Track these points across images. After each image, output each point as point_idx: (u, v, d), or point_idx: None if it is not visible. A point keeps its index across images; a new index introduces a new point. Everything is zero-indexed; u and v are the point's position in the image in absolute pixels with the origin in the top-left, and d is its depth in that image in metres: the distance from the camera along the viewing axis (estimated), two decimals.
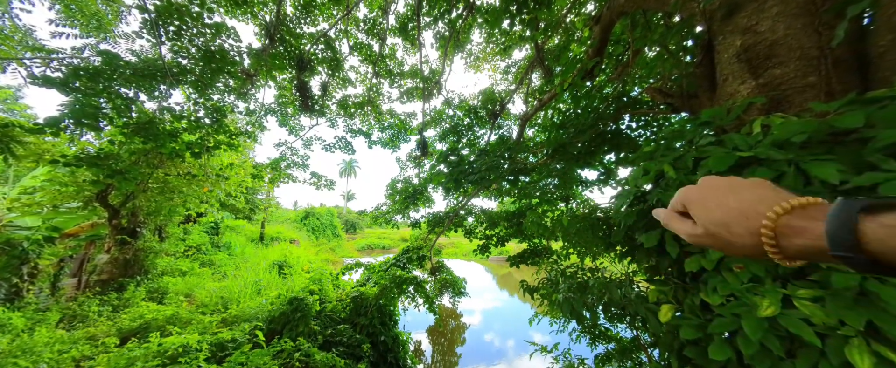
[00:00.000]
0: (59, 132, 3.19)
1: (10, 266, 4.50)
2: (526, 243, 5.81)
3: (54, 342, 3.20)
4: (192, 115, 5.01)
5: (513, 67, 7.83)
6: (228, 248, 11.11)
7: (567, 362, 3.67)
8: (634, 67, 3.08)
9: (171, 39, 4.44)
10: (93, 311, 4.67)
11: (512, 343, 8.06)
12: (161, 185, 6.92)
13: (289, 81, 7.26)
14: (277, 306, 4.71)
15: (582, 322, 2.31)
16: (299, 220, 24.72)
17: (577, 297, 2.38)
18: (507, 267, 18.19)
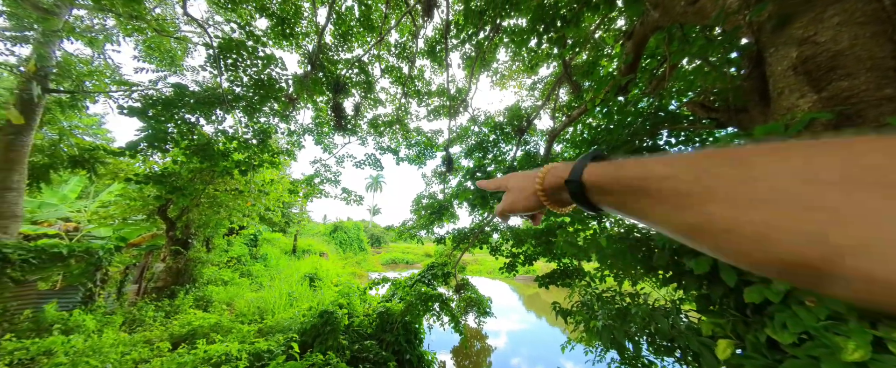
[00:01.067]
0: (135, 154, 3.67)
1: (87, 272, 5.08)
2: (555, 263, 5.56)
3: (118, 343, 3.52)
4: (241, 137, 5.52)
5: (539, 84, 7.83)
6: (265, 260, 11.73)
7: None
8: (671, 81, 2.96)
9: (229, 70, 5.00)
10: (149, 316, 5.10)
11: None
12: (211, 200, 7.58)
13: (325, 103, 7.80)
14: (309, 318, 4.84)
15: (623, 353, 2.13)
16: (328, 234, 25.65)
17: (618, 325, 2.21)
18: (534, 287, 17.37)
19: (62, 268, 5.04)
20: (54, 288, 5.08)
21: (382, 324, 5.64)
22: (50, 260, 4.69)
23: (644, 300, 2.49)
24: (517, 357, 8.28)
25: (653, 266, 2.47)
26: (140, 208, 7.15)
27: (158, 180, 4.63)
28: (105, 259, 5.36)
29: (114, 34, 6.04)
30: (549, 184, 0.40)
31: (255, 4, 5.27)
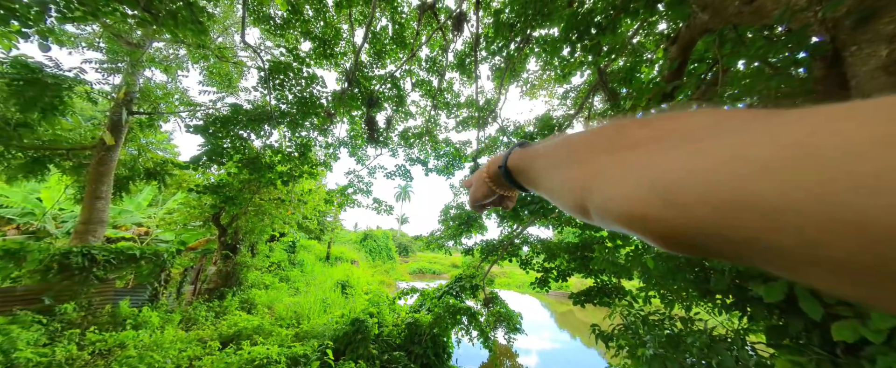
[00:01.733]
0: (198, 167, 4.12)
1: (154, 272, 5.71)
2: (592, 279, 5.23)
3: (176, 341, 3.88)
4: (284, 150, 5.96)
5: (572, 92, 7.61)
6: (302, 266, 12.37)
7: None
8: (724, 86, 2.73)
9: (277, 89, 5.48)
10: (202, 315, 5.57)
11: None
12: (256, 208, 8.22)
13: (359, 117, 8.21)
14: (341, 326, 4.98)
15: None
16: (359, 241, 26.50)
17: (671, 355, 2.00)
18: (567, 304, 16.38)
19: (134, 268, 5.71)
20: (127, 286, 5.76)
21: (411, 335, 5.63)
22: (126, 260, 5.34)
23: (702, 326, 2.24)
24: None
25: (709, 289, 2.23)
26: (198, 215, 7.94)
27: (214, 190, 5.13)
28: (169, 261, 5.99)
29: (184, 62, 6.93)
30: (491, 171, 0.47)
31: (301, 29, 5.78)
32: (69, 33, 5.99)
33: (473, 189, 0.52)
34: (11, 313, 3.99)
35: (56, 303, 4.37)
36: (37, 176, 5.75)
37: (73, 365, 3.33)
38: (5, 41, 3.28)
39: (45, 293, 4.44)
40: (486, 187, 0.48)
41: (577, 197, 0.24)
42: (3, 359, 3.03)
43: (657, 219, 0.17)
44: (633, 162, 0.20)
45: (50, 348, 3.43)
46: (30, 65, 4.11)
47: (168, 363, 3.36)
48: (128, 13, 3.01)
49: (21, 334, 3.42)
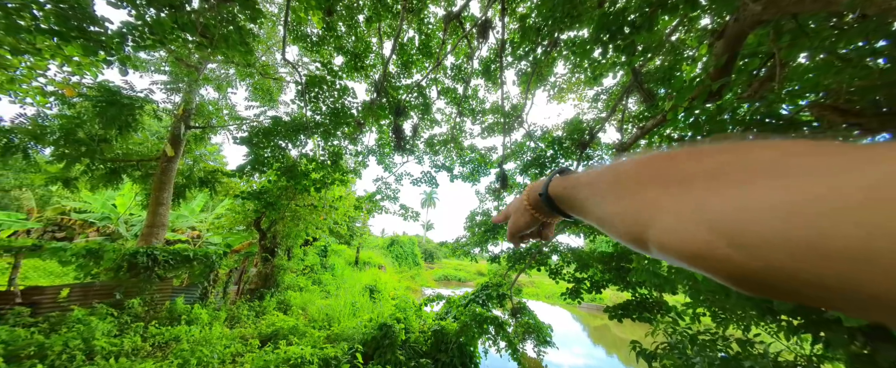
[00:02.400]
0: (243, 175, 4.49)
1: (204, 272, 6.26)
2: (629, 293, 4.88)
3: (222, 337, 4.20)
4: (318, 158, 6.30)
5: (603, 94, 7.30)
6: (332, 269, 12.87)
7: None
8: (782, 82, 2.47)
9: (312, 102, 5.84)
10: (244, 314, 5.99)
11: None
12: (292, 214, 8.73)
13: (387, 126, 8.49)
14: (369, 329, 5.08)
15: None
16: (386, 247, 27.08)
17: None
18: (601, 318, 15.40)
19: (188, 269, 6.29)
20: (182, 285, 6.36)
21: (437, 343, 5.59)
22: (182, 261, 5.91)
23: (762, 350, 2.00)
24: None
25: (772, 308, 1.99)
26: (241, 220, 8.60)
27: (257, 196, 5.55)
28: (217, 262, 6.53)
29: (233, 80, 7.64)
30: (532, 199, 0.46)
31: (334, 45, 6.14)
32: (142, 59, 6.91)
33: (514, 218, 0.51)
34: (91, 306, 4.57)
35: (125, 298, 4.94)
36: (114, 184, 6.60)
37: (138, 355, 3.72)
38: (93, 69, 3.83)
39: (117, 289, 5.03)
40: (528, 215, 0.47)
41: (633, 231, 0.24)
42: (83, 346, 3.47)
43: (724, 260, 0.17)
44: (691, 198, 0.20)
45: (119, 339, 3.86)
46: (111, 89, 4.75)
47: (214, 358, 3.63)
48: (188, 39, 3.40)
49: (98, 325, 3.89)
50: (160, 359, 3.45)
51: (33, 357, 3.25)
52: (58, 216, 11.03)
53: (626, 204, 0.25)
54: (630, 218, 0.24)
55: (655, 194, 0.22)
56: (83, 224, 10.92)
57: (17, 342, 3.33)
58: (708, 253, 0.17)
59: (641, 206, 0.23)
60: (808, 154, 0.17)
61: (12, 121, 5.04)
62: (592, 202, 0.30)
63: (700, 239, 0.18)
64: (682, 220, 0.20)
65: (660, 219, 0.21)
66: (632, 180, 0.25)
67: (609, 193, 0.27)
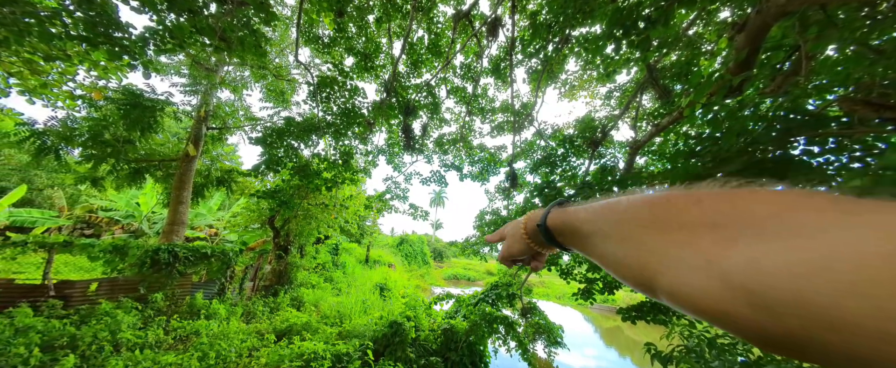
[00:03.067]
0: (258, 175, 4.62)
1: (222, 269, 6.47)
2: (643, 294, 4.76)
3: (239, 332, 4.35)
4: (330, 157, 6.41)
5: (616, 91, 7.15)
6: (344, 267, 13.08)
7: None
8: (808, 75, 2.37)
9: (323, 102, 5.94)
10: (259, 310, 6.16)
11: None
12: (305, 212, 8.91)
13: (397, 126, 8.54)
14: (380, 327, 5.14)
15: None
16: (395, 246, 27.31)
17: None
18: (614, 320, 15.10)
19: (206, 265, 6.51)
20: (200, 281, 6.59)
21: (447, 341, 5.61)
22: (200, 258, 6.12)
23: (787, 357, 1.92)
24: None
25: None
26: (256, 218, 8.84)
27: (271, 195, 5.69)
28: (233, 259, 6.74)
29: (248, 82, 7.85)
30: (530, 229, 0.45)
31: (345, 46, 6.23)
32: (162, 63, 7.18)
33: (508, 244, 0.51)
34: (117, 299, 4.80)
35: (148, 293, 5.17)
36: (137, 184, 6.89)
37: (160, 347, 3.88)
38: (118, 73, 4.01)
39: (141, 283, 5.27)
40: (523, 243, 0.47)
41: (641, 278, 0.24)
42: (110, 338, 3.66)
43: (744, 320, 0.16)
44: (699, 250, 0.19)
45: (143, 332, 4.05)
46: (135, 92, 4.96)
47: (232, 351, 3.76)
48: (206, 42, 3.51)
49: (124, 318, 4.09)
50: (181, 352, 3.60)
51: (66, 347, 3.45)
52: (86, 214, 11.61)
53: (631, 250, 0.24)
54: (636, 265, 0.24)
55: (659, 241, 0.22)
56: (109, 221, 11.46)
57: (51, 332, 3.53)
58: (726, 310, 0.17)
59: (648, 254, 0.23)
60: (818, 209, 0.16)
61: (45, 124, 5.33)
62: (594, 241, 0.30)
63: (716, 296, 0.17)
64: (692, 273, 0.19)
65: (668, 270, 0.21)
66: (632, 223, 0.25)
67: (611, 234, 0.27)
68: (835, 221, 0.15)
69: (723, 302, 0.17)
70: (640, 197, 0.26)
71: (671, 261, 0.21)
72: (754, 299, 0.15)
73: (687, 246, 0.20)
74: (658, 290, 0.22)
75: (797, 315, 0.14)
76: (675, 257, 0.21)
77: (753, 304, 0.15)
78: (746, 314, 0.16)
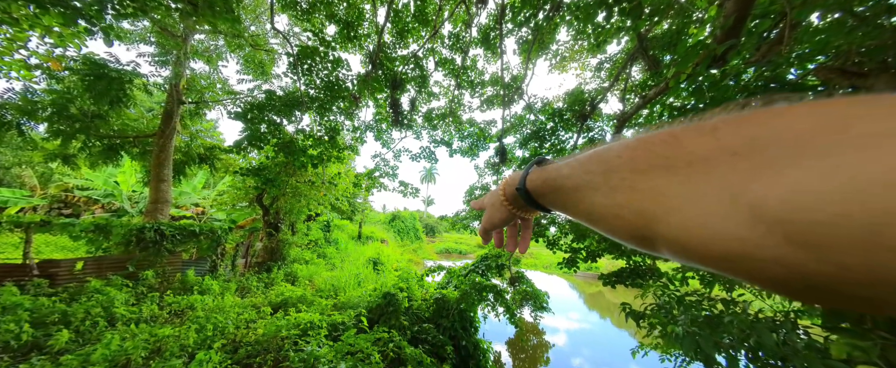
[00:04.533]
0: (240, 151, 4.48)
1: (212, 247, 6.45)
2: (623, 260, 5.07)
3: (235, 305, 4.44)
4: (315, 134, 6.24)
5: (607, 63, 7.05)
6: (336, 244, 13.24)
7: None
8: (790, 44, 2.39)
9: (305, 75, 5.66)
10: (253, 285, 6.27)
11: None
12: (293, 190, 8.81)
13: (384, 100, 8.29)
14: (374, 298, 5.34)
15: (712, 364, 1.86)
16: (388, 222, 27.61)
17: (706, 334, 1.93)
18: (596, 285, 16.09)
19: (196, 243, 6.48)
20: (191, 258, 6.58)
21: (439, 310, 5.90)
22: (188, 236, 6.07)
23: (743, 308, 2.12)
24: (579, 357, 7.86)
25: None
26: (243, 196, 8.70)
27: (256, 173, 5.57)
28: (223, 237, 6.72)
29: (223, 52, 7.34)
30: (509, 193, 0.42)
31: (325, 12, 5.83)
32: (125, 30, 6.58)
33: (489, 213, 0.47)
34: (105, 277, 4.78)
35: (138, 271, 5.16)
36: (113, 161, 6.59)
37: (156, 322, 3.96)
38: (76, 41, 3.68)
39: (129, 261, 5.24)
40: (505, 211, 0.43)
41: (635, 227, 0.20)
42: (104, 314, 3.69)
43: (775, 261, 0.13)
44: (715, 183, 0.16)
45: (137, 307, 4.09)
46: (97, 61, 4.59)
47: (229, 323, 3.87)
48: (172, 6, 3.23)
49: (116, 294, 4.11)
50: (178, 325, 3.68)
51: (58, 322, 3.47)
52: (62, 193, 11.16)
53: (623, 198, 0.21)
54: (629, 213, 0.20)
55: (661, 182, 0.19)
56: (88, 201, 11.08)
57: (40, 310, 3.53)
58: (750, 251, 0.14)
59: (644, 198, 0.19)
60: (868, 117, 0.13)
61: (1, 96, 4.93)
62: (578, 196, 0.26)
63: (738, 235, 0.14)
64: (708, 211, 0.16)
65: (673, 212, 0.18)
66: (626, 168, 0.21)
67: (599, 185, 0.24)
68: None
69: (748, 242, 0.14)
70: (634, 139, 0.22)
71: (678, 202, 0.17)
72: (795, 233, 0.12)
73: (700, 182, 0.17)
74: (658, 239, 0.19)
75: (856, 250, 0.11)
76: (684, 196, 0.17)
77: (793, 239, 0.13)
78: (781, 254, 0.13)
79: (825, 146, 0.13)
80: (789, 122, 0.15)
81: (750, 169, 0.15)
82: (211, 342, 3.23)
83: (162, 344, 2.93)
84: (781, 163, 0.14)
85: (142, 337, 2.85)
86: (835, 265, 0.12)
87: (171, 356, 2.69)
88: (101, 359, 2.34)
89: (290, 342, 3.51)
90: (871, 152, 0.12)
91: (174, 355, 2.70)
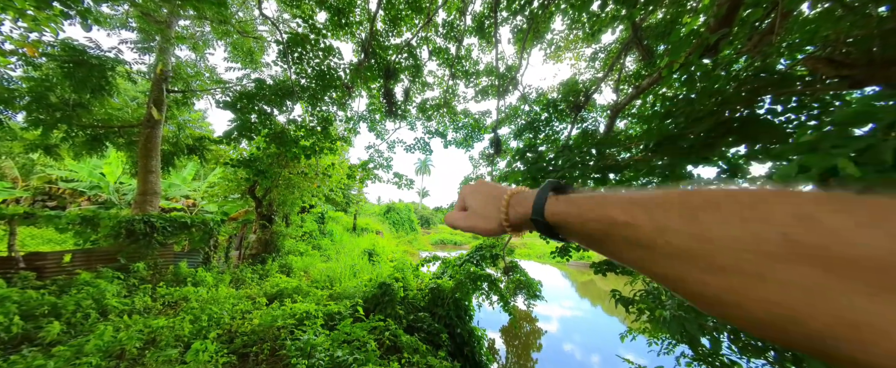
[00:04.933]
0: (230, 142, 4.39)
1: (204, 238, 6.38)
2: None
3: (229, 297, 4.44)
4: (307, 125, 6.13)
5: (602, 52, 7.02)
6: (331, 235, 13.22)
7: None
8: (781, 34, 2.41)
9: (296, 63, 5.53)
10: (248, 277, 6.25)
11: (597, 358, 7.30)
12: (286, 182, 8.71)
13: (377, 90, 8.16)
14: (370, 288, 5.39)
15: (696, 348, 1.94)
16: (382, 214, 27.61)
17: (691, 317, 2.00)
18: (588, 274, 16.46)
19: (187, 235, 6.41)
20: (184, 250, 6.52)
21: (434, 299, 5.99)
22: (179, 227, 5.99)
23: None
24: (570, 343, 8.10)
25: None
26: (235, 188, 8.58)
27: (247, 164, 5.48)
28: (215, 228, 6.65)
29: (210, 39, 7.09)
30: (514, 218, 0.38)
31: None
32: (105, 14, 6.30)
33: (473, 221, 0.43)
34: (95, 269, 4.72)
35: (129, 263, 5.10)
36: (97, 152, 6.39)
37: (150, 313, 3.94)
38: (52, 25, 3.51)
39: (119, 254, 5.16)
40: (499, 229, 0.40)
41: (779, 328, 0.16)
42: (95, 305, 3.66)
43: None
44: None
45: (129, 299, 4.06)
46: (76, 47, 4.40)
47: (224, 314, 3.87)
48: None
49: (107, 286, 4.06)
50: (172, 316, 3.67)
51: (48, 315, 3.43)
52: (45, 185, 10.85)
53: (749, 285, 0.16)
54: (764, 310, 0.16)
55: (831, 285, 0.14)
56: (73, 193, 10.81)
57: (29, 303, 3.49)
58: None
59: (795, 297, 0.15)
60: None
61: None
62: (650, 256, 0.21)
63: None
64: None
65: (882, 337, 0.13)
66: (746, 249, 0.17)
67: (696, 257, 0.19)
68: None
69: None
70: (730, 201, 0.18)
71: (881, 323, 0.13)
72: None
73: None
74: (858, 362, 0.14)
75: None
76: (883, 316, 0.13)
77: None
78: None
79: None
80: None
81: None
82: (206, 332, 3.24)
83: (156, 335, 2.92)
84: None
85: (136, 328, 2.84)
86: None
87: (167, 346, 2.70)
88: (95, 350, 2.33)
89: (286, 331, 3.54)
90: None
91: (169, 345, 2.70)
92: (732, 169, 3.51)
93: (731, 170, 3.61)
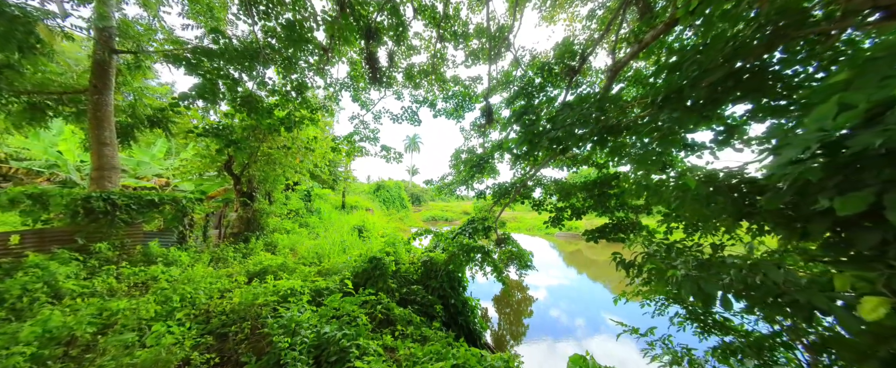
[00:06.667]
0: (188, 106, 3.86)
1: (177, 217, 5.92)
2: (606, 217, 5.14)
3: (207, 276, 4.13)
4: (281, 91, 5.53)
5: (599, 10, 6.55)
6: (319, 213, 12.84)
7: (668, 349, 3.14)
8: None
9: (262, 18, 4.85)
10: (230, 256, 5.92)
11: (581, 322, 7.56)
12: (266, 157, 8.14)
13: (359, 55, 7.48)
14: (360, 263, 5.18)
15: (711, 304, 1.82)
16: (372, 192, 27.18)
17: (707, 275, 1.86)
18: (574, 244, 16.95)
19: (158, 213, 5.93)
20: (158, 230, 6.07)
21: (427, 272, 5.88)
22: (146, 205, 5.50)
23: (748, 249, 2.09)
24: (556, 309, 8.34)
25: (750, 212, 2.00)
26: (209, 164, 7.96)
27: (216, 134, 4.95)
28: (189, 207, 6.18)
29: None
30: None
31: None
32: None
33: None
34: (49, 251, 4.27)
35: (89, 243, 4.65)
36: (39, 122, 5.64)
37: (115, 296, 3.61)
38: None
39: (77, 233, 4.69)
40: None
41: None
42: (47, 289, 3.29)
43: None
44: None
45: (89, 281, 3.69)
46: None
47: (200, 293, 3.59)
48: None
49: (60, 269, 3.66)
50: (138, 298, 3.36)
51: None
52: None
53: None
54: None
55: None
56: (28, 172, 9.87)
57: None
58: None
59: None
60: None
61: None
62: None
63: None
64: None
65: None
66: None
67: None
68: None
69: None
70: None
71: None
72: None
73: None
74: None
75: None
76: None
77: None
78: None
79: None
80: None
81: None
82: (175, 313, 2.96)
83: (117, 319, 2.62)
84: None
85: (88, 312, 2.52)
86: None
87: (127, 329, 2.41)
88: (32, 337, 2.02)
89: (268, 309, 3.31)
90: None
91: (129, 328, 2.41)
92: (729, 129, 3.32)
93: (727, 131, 3.43)
